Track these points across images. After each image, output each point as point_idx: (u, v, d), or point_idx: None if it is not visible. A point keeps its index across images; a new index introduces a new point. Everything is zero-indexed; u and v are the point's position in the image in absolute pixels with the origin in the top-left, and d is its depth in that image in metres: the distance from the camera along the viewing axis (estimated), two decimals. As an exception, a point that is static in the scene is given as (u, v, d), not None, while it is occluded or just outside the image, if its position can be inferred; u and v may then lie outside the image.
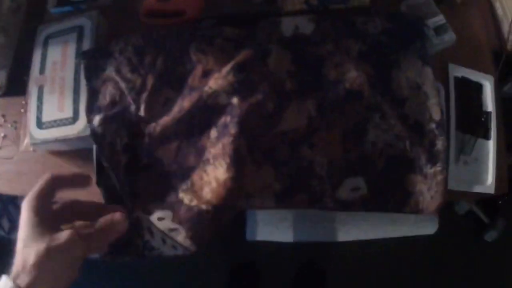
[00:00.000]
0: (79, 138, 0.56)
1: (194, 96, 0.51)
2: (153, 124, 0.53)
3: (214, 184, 0.50)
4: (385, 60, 0.57)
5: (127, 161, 0.52)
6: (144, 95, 0.54)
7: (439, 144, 0.55)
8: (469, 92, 0.63)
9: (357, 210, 0.55)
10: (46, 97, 0.60)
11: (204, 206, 0.50)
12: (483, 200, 1.25)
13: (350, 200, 0.54)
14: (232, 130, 0.50)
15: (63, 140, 0.58)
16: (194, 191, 0.51)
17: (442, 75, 0.62)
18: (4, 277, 0.37)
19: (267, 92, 0.52)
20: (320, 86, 0.55)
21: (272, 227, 0.90)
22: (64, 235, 0.38)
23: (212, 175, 0.51)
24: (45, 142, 0.58)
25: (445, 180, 0.55)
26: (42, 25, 0.64)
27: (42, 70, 0.61)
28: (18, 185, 0.64)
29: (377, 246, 1.10)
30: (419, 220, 0.89)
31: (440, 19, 0.60)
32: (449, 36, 0.60)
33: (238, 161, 0.50)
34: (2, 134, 0.67)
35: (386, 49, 0.58)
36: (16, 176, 0.64)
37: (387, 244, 1.02)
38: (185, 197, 0.51)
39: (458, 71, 0.63)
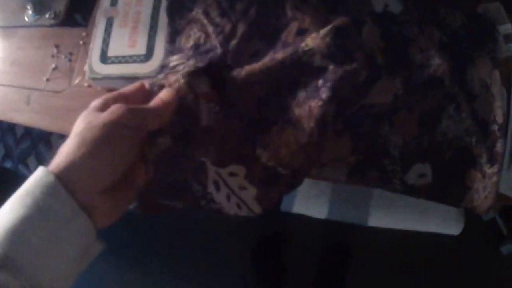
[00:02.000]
0: (149, 78, 0.53)
1: (289, 50, 0.50)
2: (238, 69, 0.50)
3: (294, 147, 0.48)
4: (462, 54, 0.58)
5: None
6: (234, 42, 0.51)
7: (499, 146, 0.56)
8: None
9: (420, 197, 0.56)
10: (115, 30, 0.56)
11: (281, 169, 0.48)
12: (507, 211, 1.27)
13: (416, 186, 0.54)
14: (324, 94, 0.49)
15: (130, 78, 0.54)
16: (273, 150, 0.48)
17: (504, 82, 0.63)
18: (40, 167, 0.33)
19: (362, 61, 0.51)
20: (406, 67, 0.55)
21: (308, 201, 0.89)
22: (104, 114, 0.35)
23: (294, 137, 0.48)
24: (108, 77, 0.55)
25: (498, 182, 0.56)
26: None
27: (114, 2, 0.58)
28: (65, 122, 0.60)
29: (398, 238, 1.14)
30: (445, 218, 0.90)
31: (508, 28, 0.62)
32: (516, 46, 0.61)
33: (322, 127, 0.49)
34: (53, 65, 0.63)
35: (463, 44, 0.59)
36: (64, 112, 0.60)
37: (407, 237, 1.04)
38: (263, 155, 0.48)
39: (522, 80, 0.64)
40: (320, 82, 0.49)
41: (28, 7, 0.64)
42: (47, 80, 0.62)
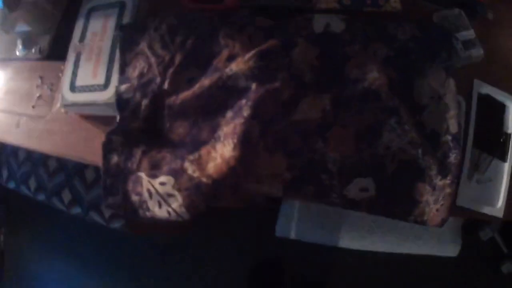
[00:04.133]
0: (107, 104, 0.60)
1: (215, 75, 0.54)
2: (173, 97, 0.56)
3: (218, 160, 0.53)
4: (410, 67, 0.58)
5: (145, 127, 0.56)
6: (171, 70, 0.57)
7: (452, 157, 0.55)
8: (491, 111, 0.62)
9: (362, 211, 0.56)
10: (82, 63, 0.64)
11: (204, 179, 0.53)
12: (506, 229, 1.22)
13: (357, 200, 0.55)
14: (245, 112, 0.52)
15: (92, 104, 0.61)
16: (200, 164, 0.53)
17: (466, 90, 0.61)
18: None
19: (285, 80, 0.53)
20: (339, 83, 0.56)
21: (304, 226, 0.91)
22: None
23: (220, 152, 0.53)
24: (75, 104, 0.63)
25: (453, 195, 0.55)
26: (87, -2, 0.69)
27: (82, 39, 0.65)
28: (46, 142, 0.69)
29: (394, 261, 1.11)
30: (442, 240, 0.87)
31: (470, 33, 0.60)
32: (477, 52, 0.59)
33: (245, 143, 0.52)
34: (38, 94, 0.72)
35: (412, 56, 0.58)
36: (46, 134, 0.69)
37: (403, 260, 1.01)
38: (190, 168, 0.54)
39: (483, 88, 0.62)
40: (243, 101, 0.53)
41: (18, 43, 0.74)
42: (33, 107, 0.71)
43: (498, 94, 0.62)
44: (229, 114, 0.55)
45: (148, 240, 1.42)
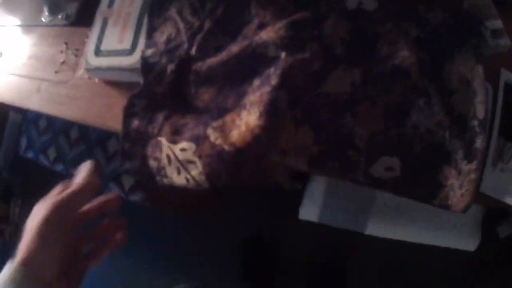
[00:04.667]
0: (132, 70, 0.60)
1: (244, 43, 0.54)
2: (200, 63, 0.55)
3: (243, 128, 0.52)
4: (440, 51, 0.57)
5: (169, 92, 0.55)
6: (199, 36, 0.56)
7: (478, 142, 0.54)
8: (518, 101, 0.61)
9: (386, 191, 0.55)
10: (109, 29, 0.64)
11: (226, 147, 0.51)
12: None
13: (382, 179, 0.54)
14: (273, 81, 0.51)
15: (116, 69, 0.61)
16: (223, 131, 0.52)
17: (492, 79, 0.61)
18: (9, 263, 0.41)
19: (315, 51, 0.53)
20: (369, 58, 0.55)
21: (329, 210, 0.88)
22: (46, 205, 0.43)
23: (244, 120, 0.52)
24: (99, 68, 0.62)
25: (478, 180, 0.54)
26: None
27: (111, 4, 0.65)
28: (67, 108, 0.68)
29: (406, 253, 1.11)
30: (462, 233, 0.86)
31: (498, 23, 0.60)
32: (505, 41, 0.58)
33: (272, 112, 0.51)
34: (62, 60, 0.72)
35: (442, 41, 0.58)
36: (67, 99, 0.69)
37: (418, 251, 1.00)
38: (212, 135, 0.53)
39: (510, 77, 0.62)
40: (272, 70, 0.52)
41: (45, 9, 0.74)
42: (56, 72, 0.71)
43: (525, 84, 0.62)
44: (256, 82, 0.54)
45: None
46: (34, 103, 0.71)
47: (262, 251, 1.37)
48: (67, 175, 1.01)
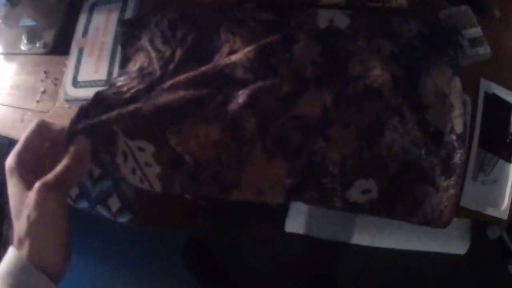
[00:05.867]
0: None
1: (213, 64, 0.54)
2: (167, 81, 0.54)
3: (203, 140, 0.51)
4: (416, 64, 0.57)
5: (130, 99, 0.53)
6: (171, 66, 0.56)
7: (457, 157, 0.54)
8: (498, 111, 0.61)
9: (365, 213, 0.55)
10: (84, 59, 0.64)
11: (186, 156, 0.51)
12: None
13: (359, 203, 0.53)
14: (241, 99, 0.51)
15: (94, 100, 0.61)
16: (182, 137, 0.51)
17: (472, 89, 0.60)
18: (11, 247, 0.41)
19: (284, 75, 0.52)
20: (341, 79, 0.55)
21: (314, 222, 0.90)
22: (31, 195, 0.39)
23: (204, 132, 0.51)
24: (77, 99, 0.63)
25: (457, 196, 0.53)
26: (91, -8, 0.69)
27: (84, 34, 0.66)
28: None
29: (401, 258, 1.10)
30: (451, 238, 0.86)
31: (476, 31, 0.59)
32: (484, 50, 0.58)
33: (234, 130, 0.51)
34: (42, 89, 0.72)
35: (418, 53, 0.57)
36: (49, 128, 0.70)
37: (409, 257, 1.02)
38: (172, 139, 0.51)
39: (490, 87, 0.61)
40: (241, 91, 0.52)
41: (23, 37, 0.75)
42: (37, 101, 0.72)
43: (505, 94, 0.61)
44: (220, 98, 0.53)
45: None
46: (18, 133, 0.72)
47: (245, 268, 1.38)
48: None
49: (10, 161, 0.42)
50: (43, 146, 0.44)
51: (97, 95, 0.53)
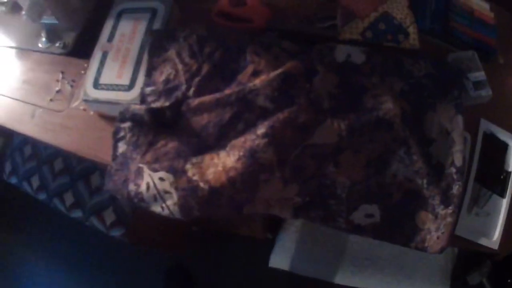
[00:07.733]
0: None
1: (238, 87, 0.56)
2: (192, 99, 0.58)
3: (219, 168, 0.54)
4: (423, 102, 0.61)
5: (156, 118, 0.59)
6: (197, 79, 0.59)
7: (455, 188, 0.58)
8: (495, 149, 0.66)
9: (367, 236, 0.58)
10: (108, 62, 0.65)
11: (202, 184, 0.54)
12: (495, 275, 1.20)
13: (362, 225, 0.57)
14: (259, 130, 0.54)
15: (114, 103, 0.62)
16: (200, 167, 0.55)
17: (472, 127, 0.65)
18: None
19: (302, 105, 0.56)
20: (355, 110, 0.58)
21: (299, 259, 0.90)
22: None
23: (222, 160, 0.55)
24: (97, 101, 0.64)
25: (454, 224, 0.57)
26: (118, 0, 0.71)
27: (110, 38, 0.67)
28: (60, 137, 0.69)
29: None
30: (431, 282, 0.88)
31: (481, 75, 0.64)
32: (486, 92, 0.63)
33: (251, 158, 0.54)
34: (57, 88, 0.72)
35: (425, 92, 0.62)
36: (60, 128, 0.69)
37: None
38: (190, 170, 0.55)
39: (489, 127, 0.66)
40: (260, 120, 0.55)
41: (42, 35, 0.75)
42: (51, 100, 0.72)
43: (502, 134, 0.66)
44: (241, 126, 0.56)
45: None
46: (27, 128, 0.71)
47: None
48: (50, 204, 1.00)
49: None
50: None
51: (134, 116, 0.60)
